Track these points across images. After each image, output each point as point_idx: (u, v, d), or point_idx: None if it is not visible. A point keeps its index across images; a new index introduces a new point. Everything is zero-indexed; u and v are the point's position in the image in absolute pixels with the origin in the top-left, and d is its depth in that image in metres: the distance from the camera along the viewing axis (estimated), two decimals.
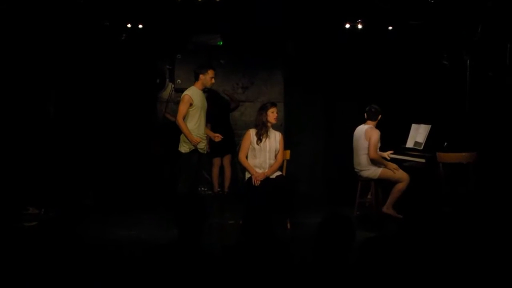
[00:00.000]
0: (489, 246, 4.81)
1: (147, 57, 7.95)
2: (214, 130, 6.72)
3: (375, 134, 6.29)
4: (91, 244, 5.35)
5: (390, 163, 6.36)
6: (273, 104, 6.17)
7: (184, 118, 6.00)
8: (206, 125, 6.31)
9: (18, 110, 6.69)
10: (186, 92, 6.12)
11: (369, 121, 6.43)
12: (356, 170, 6.52)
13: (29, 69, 6.73)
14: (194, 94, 6.07)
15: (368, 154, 6.28)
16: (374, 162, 6.32)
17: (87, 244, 5.35)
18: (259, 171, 6.05)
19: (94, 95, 7.49)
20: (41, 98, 6.94)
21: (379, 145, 6.41)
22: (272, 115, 6.08)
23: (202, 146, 6.17)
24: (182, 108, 5.99)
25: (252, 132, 6.15)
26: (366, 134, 6.30)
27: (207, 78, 6.12)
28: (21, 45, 6.61)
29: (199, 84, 6.14)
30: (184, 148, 6.07)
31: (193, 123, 6.04)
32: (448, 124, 6.55)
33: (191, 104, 6.01)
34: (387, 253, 2.54)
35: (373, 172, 6.36)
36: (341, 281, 2.66)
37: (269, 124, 6.10)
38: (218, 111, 7.58)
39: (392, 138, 7.44)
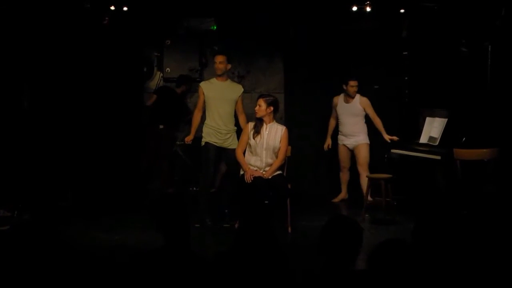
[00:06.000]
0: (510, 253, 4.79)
1: (133, 43, 7.94)
2: None
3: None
4: (71, 250, 5.30)
5: None
6: (261, 96, 6.19)
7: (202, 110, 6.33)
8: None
9: None
10: (200, 83, 6.45)
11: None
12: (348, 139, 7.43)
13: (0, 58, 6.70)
14: (206, 84, 6.37)
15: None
16: None
17: (66, 250, 5.29)
18: (255, 169, 5.96)
19: (73, 87, 7.47)
20: (14, 91, 6.91)
21: None
22: (256, 107, 6.04)
23: (216, 140, 6.25)
24: (197, 101, 6.44)
25: (250, 125, 6.11)
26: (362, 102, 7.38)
27: (215, 65, 6.29)
28: None
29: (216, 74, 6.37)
30: (202, 140, 6.30)
31: (207, 115, 6.30)
32: (467, 118, 6.54)
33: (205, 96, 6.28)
34: (399, 262, 2.53)
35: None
36: None
37: (262, 117, 6.00)
38: None
39: (405, 132, 7.42)
